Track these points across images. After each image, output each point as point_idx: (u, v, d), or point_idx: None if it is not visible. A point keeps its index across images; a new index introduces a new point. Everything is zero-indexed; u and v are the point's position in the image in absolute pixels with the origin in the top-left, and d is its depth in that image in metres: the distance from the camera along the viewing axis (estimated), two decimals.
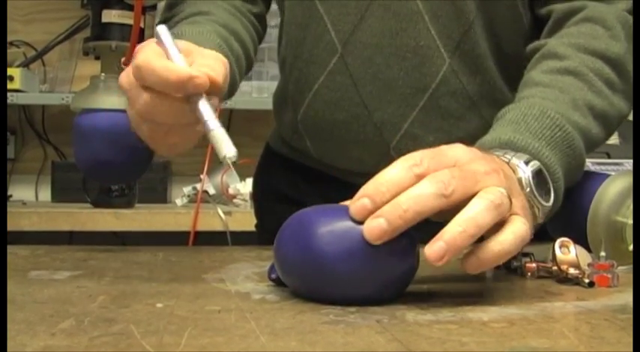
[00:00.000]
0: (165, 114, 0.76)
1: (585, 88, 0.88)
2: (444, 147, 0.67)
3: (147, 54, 0.74)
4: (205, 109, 0.73)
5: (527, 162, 0.73)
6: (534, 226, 0.72)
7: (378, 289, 0.63)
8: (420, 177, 0.62)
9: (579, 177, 0.87)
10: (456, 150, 0.67)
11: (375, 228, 0.60)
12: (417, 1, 0.98)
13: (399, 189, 0.61)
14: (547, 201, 0.74)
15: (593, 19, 0.93)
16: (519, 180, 0.71)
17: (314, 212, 0.66)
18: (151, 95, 0.74)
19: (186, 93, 0.73)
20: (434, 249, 0.60)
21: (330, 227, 0.63)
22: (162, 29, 0.77)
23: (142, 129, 0.80)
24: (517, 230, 0.64)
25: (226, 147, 0.69)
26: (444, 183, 0.61)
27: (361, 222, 0.62)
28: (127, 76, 0.78)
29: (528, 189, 0.71)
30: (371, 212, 0.61)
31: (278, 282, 0.70)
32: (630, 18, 0.94)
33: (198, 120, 0.73)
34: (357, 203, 0.62)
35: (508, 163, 0.72)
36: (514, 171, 0.71)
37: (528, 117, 0.82)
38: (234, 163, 0.69)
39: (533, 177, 0.72)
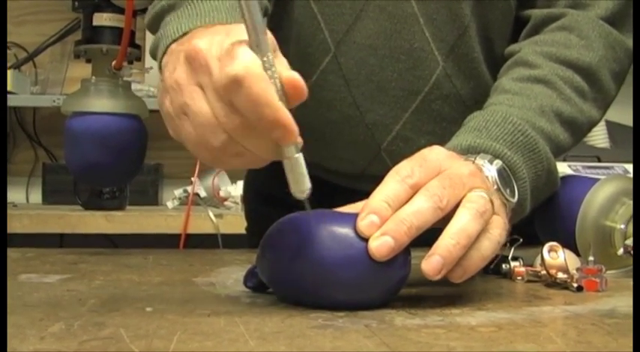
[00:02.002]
0: (263, 144, 0.61)
1: (554, 96, 0.90)
2: (425, 152, 0.70)
3: (250, 65, 0.58)
4: None
5: (490, 161, 0.76)
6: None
7: (374, 295, 0.63)
8: (414, 188, 0.65)
9: (554, 180, 0.89)
10: (437, 154, 0.70)
11: (383, 246, 0.62)
12: (412, 3, 0.98)
13: (399, 204, 0.64)
14: (512, 197, 0.76)
15: (569, 28, 0.95)
16: (486, 178, 0.74)
17: (309, 217, 0.66)
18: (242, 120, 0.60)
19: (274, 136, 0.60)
20: (431, 264, 0.62)
21: (330, 232, 0.63)
22: (253, 3, 0.59)
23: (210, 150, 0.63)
24: (492, 236, 0.67)
25: (305, 183, 0.61)
26: (438, 196, 0.64)
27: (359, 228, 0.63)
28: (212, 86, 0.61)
29: (495, 187, 0.74)
30: (378, 227, 0.63)
31: (255, 290, 0.70)
32: (608, 27, 0.95)
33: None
34: (366, 220, 0.63)
35: (474, 163, 0.74)
36: (480, 171, 0.74)
37: (490, 123, 0.84)
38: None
39: (498, 175, 0.75)
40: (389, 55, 1.00)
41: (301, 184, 0.60)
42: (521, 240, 0.81)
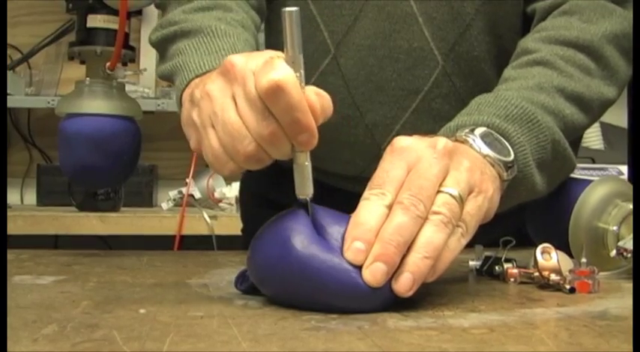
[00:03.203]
0: (284, 150, 0.66)
1: (554, 74, 0.88)
2: (396, 154, 0.69)
3: (290, 74, 0.63)
4: None
5: (472, 130, 0.76)
6: (501, 185, 0.75)
7: (366, 300, 0.63)
8: (390, 207, 0.65)
9: (563, 152, 0.85)
10: (409, 153, 0.69)
11: (377, 273, 0.63)
12: (410, 3, 0.98)
13: (379, 226, 0.64)
14: (507, 156, 0.76)
15: (570, 12, 0.94)
16: (471, 147, 0.74)
17: (298, 218, 0.66)
18: (278, 126, 0.64)
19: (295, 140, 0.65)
20: (402, 282, 0.63)
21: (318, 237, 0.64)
22: (295, 14, 0.64)
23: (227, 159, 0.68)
24: (460, 230, 0.67)
25: (309, 187, 0.68)
26: (414, 205, 0.64)
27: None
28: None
29: (482, 149, 0.74)
30: (366, 253, 0.63)
31: (246, 292, 0.70)
32: (612, 5, 0.93)
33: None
34: (353, 248, 0.63)
35: (455, 139, 0.75)
36: (464, 142, 0.74)
37: (482, 105, 0.83)
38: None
39: (482, 138, 0.75)
40: (388, 55, 1.00)
41: (306, 188, 0.67)
42: (514, 241, 0.81)
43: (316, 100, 0.65)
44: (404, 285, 0.63)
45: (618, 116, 1.55)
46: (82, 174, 0.99)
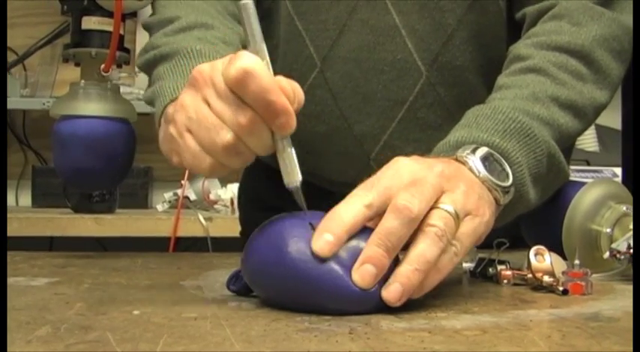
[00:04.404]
0: (264, 140, 0.67)
1: (548, 82, 0.87)
2: (392, 169, 0.69)
3: (257, 60, 0.64)
4: None
5: (473, 151, 0.75)
6: (497, 210, 0.74)
7: (358, 303, 0.63)
8: (369, 207, 0.65)
9: (559, 165, 0.85)
10: (406, 171, 0.68)
11: (366, 275, 0.63)
12: (393, 16, 0.99)
13: (352, 222, 0.65)
14: (505, 181, 0.75)
15: (559, 16, 0.93)
16: (470, 169, 0.73)
17: (293, 221, 0.67)
18: (254, 114, 0.65)
19: (274, 124, 0.65)
20: (391, 293, 0.63)
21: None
22: (250, 5, 0.66)
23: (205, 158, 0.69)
24: (453, 249, 0.66)
25: (296, 174, 0.68)
26: (408, 209, 0.64)
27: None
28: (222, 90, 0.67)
29: (481, 174, 0.73)
30: (335, 246, 0.63)
31: (238, 293, 0.71)
32: (600, 8, 0.93)
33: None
34: (321, 239, 0.63)
35: (456, 159, 0.74)
36: (464, 164, 0.73)
37: (480, 117, 0.82)
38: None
39: (483, 162, 0.74)
40: (373, 67, 1.01)
41: (293, 175, 0.67)
42: (507, 243, 0.81)
43: (287, 84, 0.65)
44: (393, 295, 0.63)
45: (613, 118, 1.56)
46: (76, 176, 0.99)
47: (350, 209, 0.65)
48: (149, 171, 2.52)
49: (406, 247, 0.65)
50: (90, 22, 1.01)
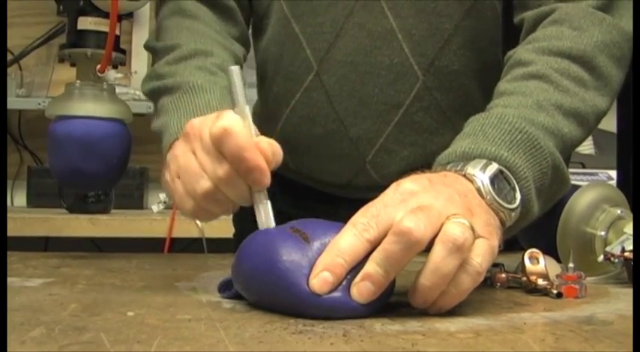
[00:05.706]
0: (240, 191, 0.74)
1: (551, 89, 0.86)
2: (399, 195, 0.67)
3: (236, 120, 0.72)
4: None
5: (483, 168, 0.72)
6: (505, 232, 0.72)
7: (349, 313, 0.63)
8: (372, 243, 0.64)
9: (562, 176, 0.83)
10: (413, 199, 0.66)
11: (365, 291, 0.63)
12: (390, 20, 1.00)
13: (356, 259, 0.64)
14: (512, 202, 0.73)
15: (560, 21, 0.92)
16: (478, 190, 0.71)
17: (283, 233, 0.67)
18: (230, 168, 0.73)
19: (249, 181, 0.73)
20: (417, 305, 0.64)
21: (302, 249, 0.65)
22: (235, 70, 0.74)
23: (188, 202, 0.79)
24: (471, 267, 0.64)
25: (271, 224, 0.72)
26: (412, 226, 0.62)
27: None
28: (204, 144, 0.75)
29: (489, 197, 0.70)
30: (333, 284, 0.63)
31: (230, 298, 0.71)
32: (600, 14, 0.92)
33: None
34: (320, 277, 0.63)
35: (464, 175, 0.72)
36: (472, 182, 0.71)
37: (486, 126, 0.80)
38: None
39: (492, 182, 0.71)
40: (369, 70, 1.01)
41: (268, 226, 0.72)
42: (502, 246, 0.81)
43: (267, 146, 0.72)
44: (419, 304, 0.64)
45: (608, 121, 1.56)
46: (71, 176, 0.99)
47: (352, 243, 0.64)
48: (144, 171, 2.52)
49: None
50: (86, 23, 1.00)
